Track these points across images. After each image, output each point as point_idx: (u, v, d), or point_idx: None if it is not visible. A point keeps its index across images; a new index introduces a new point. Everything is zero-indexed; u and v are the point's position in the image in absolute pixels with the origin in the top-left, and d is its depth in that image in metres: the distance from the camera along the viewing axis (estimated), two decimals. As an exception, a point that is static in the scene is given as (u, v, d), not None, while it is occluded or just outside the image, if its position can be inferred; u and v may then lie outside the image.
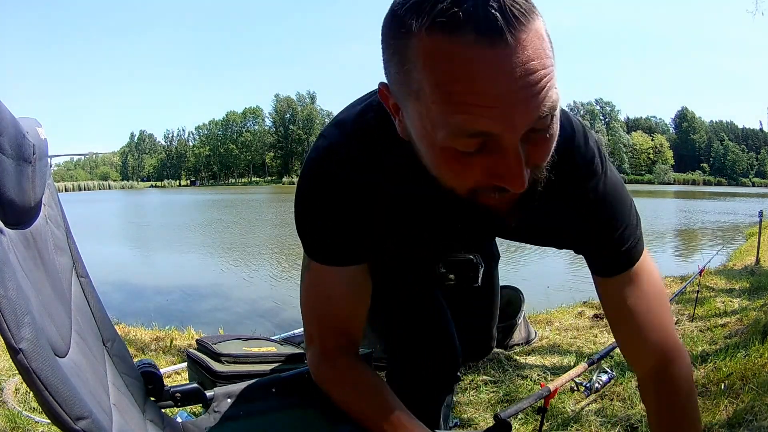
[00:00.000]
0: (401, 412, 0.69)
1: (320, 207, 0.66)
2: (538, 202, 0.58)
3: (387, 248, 0.73)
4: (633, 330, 0.74)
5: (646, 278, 0.73)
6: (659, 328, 0.74)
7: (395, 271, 0.91)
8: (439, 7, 0.43)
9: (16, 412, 1.50)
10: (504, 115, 0.45)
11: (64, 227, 0.74)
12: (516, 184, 0.49)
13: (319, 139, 0.68)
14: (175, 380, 2.02)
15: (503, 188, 0.51)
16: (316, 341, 0.76)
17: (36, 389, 0.40)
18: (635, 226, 0.71)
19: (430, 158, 0.53)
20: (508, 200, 0.54)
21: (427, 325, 0.95)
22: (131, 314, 3.90)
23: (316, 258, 0.70)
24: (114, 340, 0.78)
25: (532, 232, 0.79)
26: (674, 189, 46.37)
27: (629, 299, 0.72)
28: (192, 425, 0.81)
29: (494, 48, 0.43)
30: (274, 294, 5.15)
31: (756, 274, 4.05)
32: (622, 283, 0.72)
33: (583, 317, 3.02)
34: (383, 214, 0.67)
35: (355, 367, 0.75)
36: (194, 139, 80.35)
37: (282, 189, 48.09)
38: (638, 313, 0.72)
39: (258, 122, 76.92)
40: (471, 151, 0.49)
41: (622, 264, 0.71)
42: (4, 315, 0.38)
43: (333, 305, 0.73)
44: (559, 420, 1.59)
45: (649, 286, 0.73)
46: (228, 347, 1.51)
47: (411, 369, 0.94)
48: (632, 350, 0.78)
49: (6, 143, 0.46)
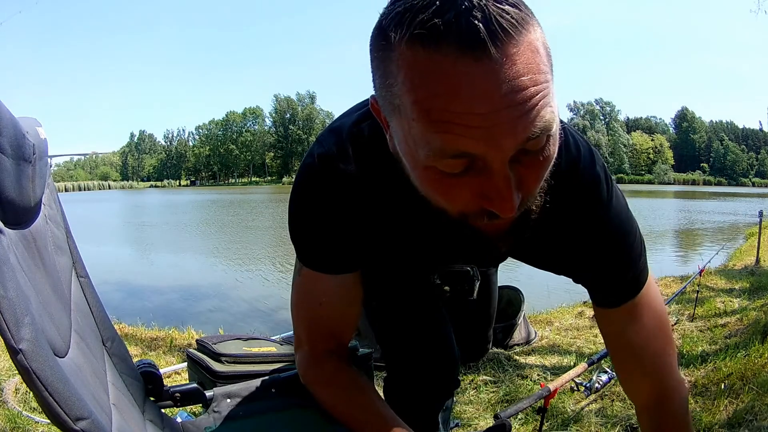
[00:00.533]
0: (387, 415, 0.69)
1: (313, 214, 0.65)
2: (534, 230, 0.56)
3: (380, 258, 0.72)
4: (631, 363, 0.73)
5: (648, 310, 0.70)
6: (658, 363, 0.72)
7: (393, 278, 0.91)
8: (420, 18, 0.40)
9: (16, 412, 1.50)
10: (488, 136, 0.42)
11: (64, 227, 0.74)
12: (505, 209, 0.46)
13: (315, 145, 0.67)
14: (175, 380, 2.02)
15: (493, 213, 0.47)
16: (305, 345, 0.76)
17: (36, 389, 0.40)
18: (639, 255, 0.68)
19: (416, 177, 0.50)
20: (499, 225, 0.52)
21: (427, 331, 0.94)
22: (131, 314, 3.90)
23: (308, 264, 0.69)
24: (114, 340, 0.78)
25: (529, 256, 0.75)
26: (674, 189, 46.38)
27: (629, 332, 0.70)
28: (192, 425, 0.81)
29: (478, 62, 0.40)
30: (274, 294, 5.15)
31: (756, 274, 4.05)
32: (621, 315, 0.69)
33: (583, 317, 3.02)
34: (376, 224, 0.66)
35: (343, 371, 0.75)
36: (194, 139, 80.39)
37: (282, 189, 48.10)
38: (637, 346, 0.70)
39: (258, 122, 76.93)
40: (456, 173, 0.46)
41: (622, 296, 0.68)
42: (4, 315, 0.38)
43: (323, 311, 0.72)
44: (559, 420, 1.59)
45: (650, 319, 0.70)
46: (228, 347, 1.51)
47: (410, 375, 0.94)
48: (629, 380, 0.78)
49: (6, 143, 0.46)
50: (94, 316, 0.75)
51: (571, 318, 3.02)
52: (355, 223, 0.65)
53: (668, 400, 0.73)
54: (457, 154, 0.44)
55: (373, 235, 0.67)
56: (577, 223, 0.64)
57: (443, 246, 0.69)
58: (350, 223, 0.65)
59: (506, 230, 0.54)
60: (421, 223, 0.64)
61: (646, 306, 0.69)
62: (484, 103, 0.41)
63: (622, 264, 0.66)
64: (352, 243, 0.67)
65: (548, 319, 3.00)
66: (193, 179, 79.03)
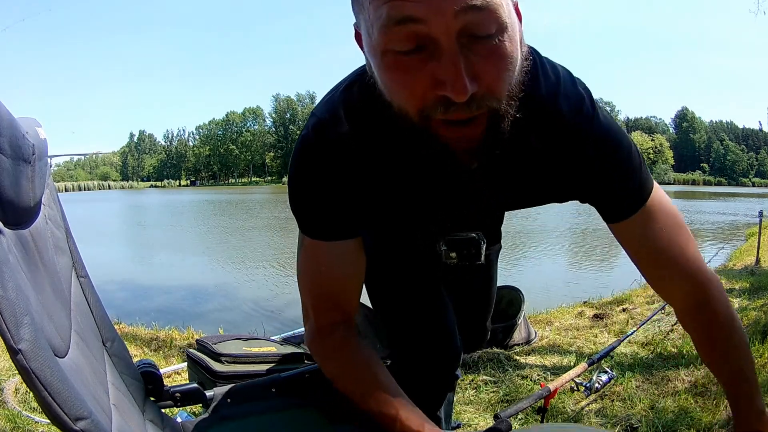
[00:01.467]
0: (390, 388, 0.69)
1: (309, 182, 0.67)
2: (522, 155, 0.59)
3: (379, 220, 0.74)
4: (660, 266, 0.72)
5: (662, 212, 0.70)
6: (685, 259, 0.71)
7: (397, 252, 0.92)
8: None
9: (16, 412, 1.50)
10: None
11: (64, 227, 0.74)
12: (456, 89, 0.48)
13: (310, 118, 0.68)
14: (175, 380, 2.02)
15: (449, 101, 0.49)
16: (311, 316, 0.77)
17: (36, 389, 0.40)
18: (639, 163, 0.68)
19: (379, 74, 0.53)
20: (467, 137, 0.54)
21: (430, 321, 0.95)
22: (131, 314, 3.90)
23: (308, 233, 0.71)
24: (114, 340, 0.78)
25: (525, 194, 0.75)
26: (674, 189, 46.37)
27: (649, 237, 0.69)
28: (192, 425, 0.81)
29: None
30: (274, 294, 5.15)
31: (756, 274, 4.05)
32: (637, 225, 0.69)
33: (583, 317, 3.02)
34: (372, 183, 0.67)
35: (348, 343, 0.75)
36: (194, 139, 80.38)
37: (282, 189, 48.08)
38: (661, 249, 0.70)
39: (258, 122, 76.92)
40: (408, 50, 0.49)
41: (632, 205, 0.68)
42: (4, 315, 0.38)
43: (325, 280, 0.73)
44: (559, 420, 1.59)
45: (667, 218, 0.70)
46: (228, 347, 1.51)
47: (413, 365, 0.94)
48: (663, 286, 0.76)
49: (5, 143, 0.46)
50: (94, 316, 0.75)
51: (571, 318, 3.02)
52: (351, 185, 0.66)
53: (706, 291, 0.72)
54: (402, 19, 0.47)
55: (370, 195, 0.68)
56: (569, 141, 0.64)
57: (434, 193, 0.70)
58: (346, 185, 0.66)
59: (476, 146, 0.55)
60: (418, 177, 0.66)
61: (658, 209, 0.69)
62: None
63: (624, 174, 0.66)
64: (349, 206, 0.68)
65: (548, 319, 3.00)
66: (193, 179, 79.00)
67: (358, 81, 0.64)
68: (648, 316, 2.55)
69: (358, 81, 0.64)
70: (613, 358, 2.09)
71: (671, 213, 0.71)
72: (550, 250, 8.07)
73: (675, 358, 2.09)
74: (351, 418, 0.74)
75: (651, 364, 2.03)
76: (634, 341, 2.35)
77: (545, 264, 6.67)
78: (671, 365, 2.00)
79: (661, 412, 1.56)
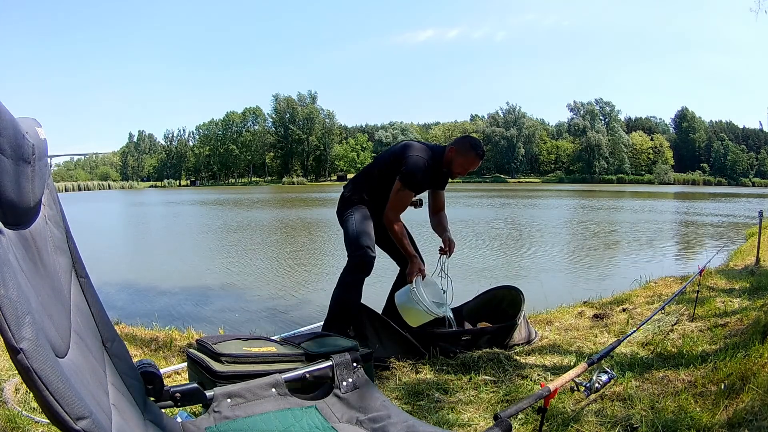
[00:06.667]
0: (411, 239, 2.46)
1: (419, 173, 2.29)
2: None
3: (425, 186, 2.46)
4: (437, 204, 2.65)
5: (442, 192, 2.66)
6: (443, 204, 2.68)
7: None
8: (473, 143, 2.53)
9: (16, 412, 1.50)
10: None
11: (64, 227, 0.74)
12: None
13: (418, 155, 2.31)
14: (175, 380, 2.02)
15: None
16: (396, 215, 2.33)
17: (36, 389, 0.40)
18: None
19: (455, 160, 2.39)
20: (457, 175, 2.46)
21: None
22: (131, 314, 3.90)
23: (410, 188, 2.30)
24: (114, 341, 0.78)
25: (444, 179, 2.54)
26: (674, 189, 46.32)
27: (440, 196, 2.63)
28: (192, 425, 0.81)
29: (478, 158, 2.50)
30: (274, 294, 5.16)
31: (756, 274, 4.05)
32: (441, 193, 2.62)
33: (583, 317, 3.02)
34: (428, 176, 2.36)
35: (403, 224, 2.39)
36: (194, 139, 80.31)
37: (282, 189, 48.08)
38: (439, 200, 2.66)
39: (258, 122, 76.91)
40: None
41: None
42: (5, 315, 0.38)
43: (407, 202, 2.34)
44: (559, 420, 1.59)
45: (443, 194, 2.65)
46: (228, 347, 1.51)
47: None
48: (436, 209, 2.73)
49: (5, 143, 0.46)
50: (94, 317, 0.75)
51: (571, 318, 3.02)
52: (425, 176, 2.33)
53: (443, 210, 2.73)
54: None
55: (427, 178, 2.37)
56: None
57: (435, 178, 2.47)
58: (425, 175, 2.32)
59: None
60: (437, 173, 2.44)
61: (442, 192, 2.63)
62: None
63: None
64: (423, 182, 2.36)
65: (548, 319, 3.00)
66: (193, 179, 78.99)
67: (433, 149, 2.40)
68: (648, 316, 2.55)
69: (433, 149, 2.40)
70: (613, 358, 2.09)
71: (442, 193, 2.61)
72: (551, 251, 8.08)
73: (675, 358, 2.09)
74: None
75: (651, 364, 2.03)
76: (634, 341, 2.35)
77: (545, 264, 6.67)
78: (671, 365, 2.00)
79: (661, 412, 1.56)
